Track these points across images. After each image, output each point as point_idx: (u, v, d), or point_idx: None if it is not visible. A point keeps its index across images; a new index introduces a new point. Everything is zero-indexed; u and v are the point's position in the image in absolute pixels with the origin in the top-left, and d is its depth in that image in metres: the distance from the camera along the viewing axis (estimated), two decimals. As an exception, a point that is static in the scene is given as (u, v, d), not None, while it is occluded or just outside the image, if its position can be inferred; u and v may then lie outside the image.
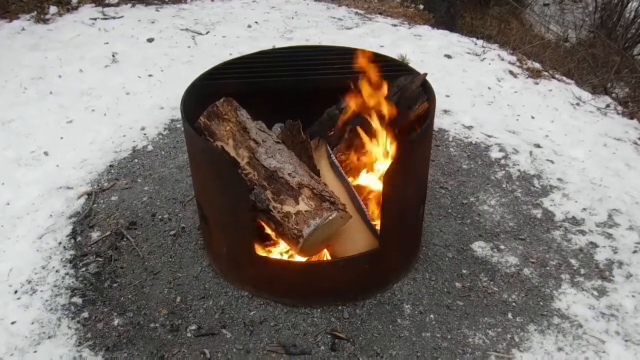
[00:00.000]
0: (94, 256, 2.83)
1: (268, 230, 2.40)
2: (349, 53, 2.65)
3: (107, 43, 5.21)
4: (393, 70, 2.58)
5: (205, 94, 2.54)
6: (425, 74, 2.44)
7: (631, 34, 11.73)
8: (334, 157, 2.50)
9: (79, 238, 2.94)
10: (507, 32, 9.58)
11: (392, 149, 2.46)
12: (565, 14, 12.47)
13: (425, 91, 2.46)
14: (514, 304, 2.59)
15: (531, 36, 9.87)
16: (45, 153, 3.64)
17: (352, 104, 2.50)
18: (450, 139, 3.86)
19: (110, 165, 3.54)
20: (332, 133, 2.58)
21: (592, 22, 11.62)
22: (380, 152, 2.51)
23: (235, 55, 4.94)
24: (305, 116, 2.66)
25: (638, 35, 11.89)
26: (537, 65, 5.22)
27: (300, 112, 2.64)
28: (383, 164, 2.51)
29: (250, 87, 2.64)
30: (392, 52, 4.83)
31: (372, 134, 2.48)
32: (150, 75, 4.67)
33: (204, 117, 2.40)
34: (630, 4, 11.65)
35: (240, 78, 2.69)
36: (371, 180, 2.59)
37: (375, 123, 2.44)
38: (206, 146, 2.31)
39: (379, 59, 2.60)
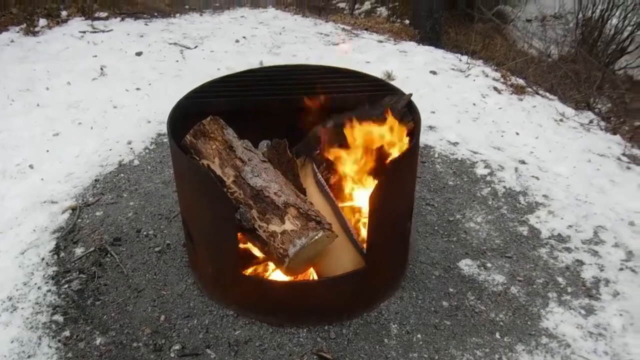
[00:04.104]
0: (77, 273, 2.79)
1: (254, 250, 2.39)
2: (335, 72, 2.66)
3: (95, 56, 5.20)
4: (379, 89, 2.58)
5: (192, 112, 2.53)
6: (410, 95, 2.45)
7: (611, 49, 11.90)
8: (320, 176, 2.50)
9: (62, 254, 2.91)
10: (491, 48, 9.68)
11: (378, 168, 2.47)
12: (548, 30, 12.61)
13: (411, 111, 2.47)
14: (501, 323, 2.59)
15: (515, 52, 9.98)
16: (31, 166, 3.61)
17: (336, 124, 2.50)
18: (436, 155, 3.88)
19: (96, 180, 3.51)
20: (318, 152, 2.58)
21: (573, 38, 11.78)
22: (367, 170, 2.51)
23: (223, 69, 4.95)
24: (291, 134, 2.66)
25: (618, 51, 12.07)
26: (520, 81, 5.27)
27: (287, 130, 2.64)
28: (370, 183, 2.51)
29: (237, 106, 2.63)
30: (378, 69, 4.87)
31: (358, 152, 2.48)
32: (138, 89, 4.66)
33: (190, 136, 2.39)
34: (609, 21, 11.83)
35: (227, 96, 2.68)
36: (358, 199, 2.59)
37: (361, 142, 2.45)
38: (192, 165, 2.30)
39: (364, 79, 2.61)
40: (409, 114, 2.48)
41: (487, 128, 4.29)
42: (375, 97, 2.55)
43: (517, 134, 4.27)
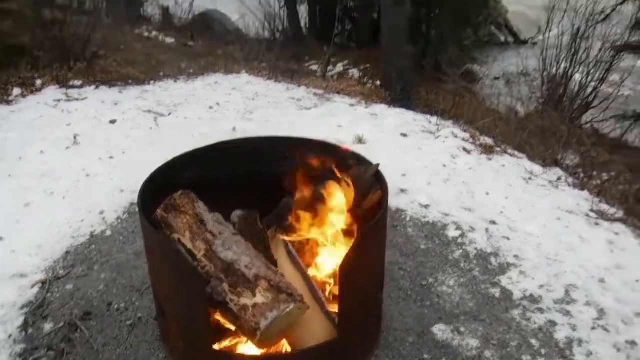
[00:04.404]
0: (46, 350, 2.74)
1: (226, 323, 2.38)
2: (304, 143, 2.72)
3: (69, 124, 5.22)
4: (348, 159, 2.64)
5: (164, 185, 2.56)
6: (378, 165, 2.51)
7: (577, 105, 12.27)
8: (291, 247, 2.52)
9: (30, 330, 2.86)
10: (461, 106, 9.92)
11: (348, 239, 2.50)
12: (515, 87, 13.00)
13: (379, 180, 2.53)
14: (475, 389, 2.59)
15: (484, 110, 10.25)
16: (0, 238, 3.58)
17: (307, 194, 2.55)
18: (408, 218, 3.93)
19: (67, 252, 3.48)
20: (288, 222, 2.61)
21: (540, 94, 12.15)
22: (338, 240, 2.54)
23: (197, 136, 5.00)
24: (263, 205, 2.69)
25: (583, 106, 12.46)
26: (489, 140, 5.40)
27: (258, 201, 2.67)
28: (341, 252, 2.53)
29: (209, 178, 2.67)
30: (350, 132, 4.97)
31: (328, 223, 2.52)
32: (111, 158, 4.68)
33: (161, 210, 2.40)
34: (573, 77, 12.25)
35: (199, 169, 2.72)
36: (329, 268, 2.60)
37: (330, 212, 2.49)
38: (162, 240, 2.31)
39: (333, 150, 2.67)
40: (377, 184, 2.53)
41: (457, 189, 4.36)
42: (344, 167, 2.60)
43: (487, 194, 4.35)
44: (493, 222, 3.93)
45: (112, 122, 5.37)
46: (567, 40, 12.18)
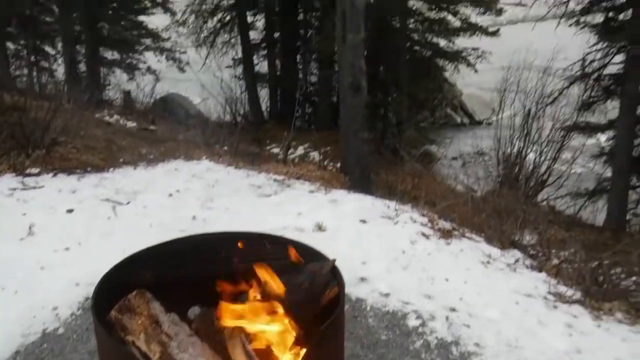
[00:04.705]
0: None
1: None
2: (262, 239, 2.73)
3: (24, 214, 5.12)
4: (303, 255, 2.65)
5: (120, 283, 2.51)
6: (334, 260, 2.53)
7: (532, 183, 12.66)
8: (248, 346, 2.47)
9: None
10: (420, 187, 10.11)
11: (302, 339, 2.47)
12: (472, 167, 13.39)
13: (335, 276, 2.53)
14: None
15: (442, 190, 10.47)
16: (-54, 339, 3.43)
17: (261, 292, 2.53)
18: (368, 308, 3.91)
19: (17, 352, 3.35)
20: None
21: (496, 174, 12.51)
22: (294, 339, 2.51)
23: (156, 225, 4.96)
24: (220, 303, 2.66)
25: (539, 184, 12.85)
26: (447, 225, 5.49)
27: (215, 298, 2.64)
28: (296, 353, 2.50)
29: (165, 276, 2.64)
30: (310, 220, 5.00)
31: (284, 321, 2.49)
32: (67, 249, 4.58)
33: (115, 311, 2.35)
34: (527, 157, 12.70)
35: (156, 266, 2.69)
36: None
37: (285, 312, 2.47)
38: (115, 343, 2.25)
39: (288, 245, 2.69)
40: (333, 280, 2.53)
41: (417, 275, 4.39)
42: (300, 264, 2.61)
43: (447, 279, 4.38)
44: (453, 309, 3.94)
45: (69, 211, 5.30)
46: (519, 120, 12.72)
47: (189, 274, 2.73)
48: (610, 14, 12.70)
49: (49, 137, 6.82)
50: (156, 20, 17.89)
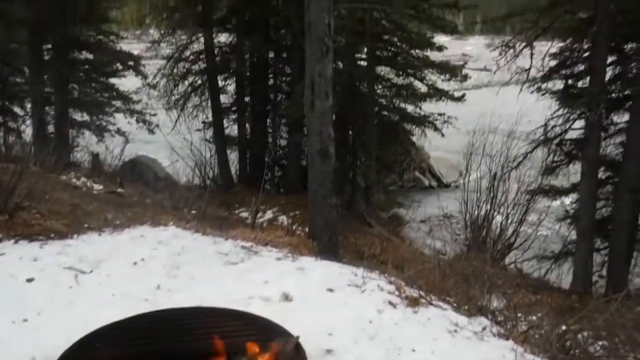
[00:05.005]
0: None
1: None
2: (226, 315, 2.70)
3: (-20, 284, 4.99)
4: (267, 331, 2.63)
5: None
6: (298, 337, 2.51)
7: (500, 246, 12.80)
8: None
9: None
10: (388, 250, 10.15)
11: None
12: (440, 230, 13.51)
13: (299, 353, 2.51)
14: None
15: (411, 254, 10.51)
16: None
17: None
18: (335, 382, 3.85)
19: None
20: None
21: (464, 237, 12.64)
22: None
23: (119, 295, 4.84)
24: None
25: (506, 247, 13.00)
26: (414, 292, 5.48)
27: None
28: None
29: (125, 355, 2.58)
30: (277, 289, 4.94)
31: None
32: (25, 320, 4.42)
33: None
34: (494, 219, 12.89)
35: (115, 344, 2.63)
36: None
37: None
38: None
39: (255, 322, 2.66)
40: (297, 356, 2.51)
41: (384, 346, 4.34)
42: (264, 340, 2.58)
43: (414, 350, 4.33)
44: (420, 382, 3.89)
45: (29, 280, 5.16)
46: (486, 183, 12.96)
47: (151, 352, 2.67)
48: (570, 82, 13.19)
49: (12, 202, 6.68)
50: (127, 82, 18.00)
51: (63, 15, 15.77)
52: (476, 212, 12.66)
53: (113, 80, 17.79)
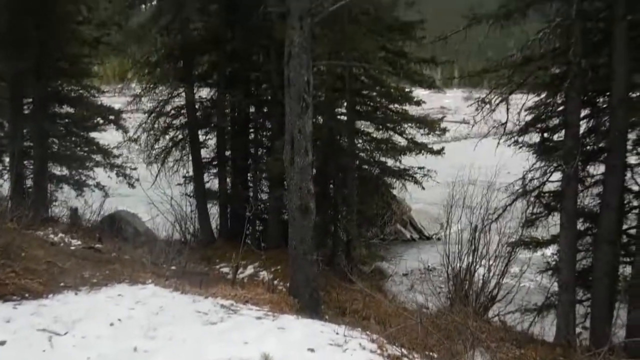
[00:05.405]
0: None
1: None
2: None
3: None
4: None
5: None
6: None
7: (483, 299, 12.72)
8: None
9: None
10: (371, 306, 10.05)
11: None
12: (423, 283, 13.41)
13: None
14: None
15: (394, 308, 10.40)
16: None
17: None
18: None
19: None
20: None
21: (447, 290, 12.56)
22: None
23: (94, 358, 4.73)
24: None
25: (489, 300, 12.92)
26: (397, 350, 5.40)
27: None
28: None
29: None
30: (256, 349, 4.86)
31: None
32: (-7, 387, 4.29)
33: None
34: (477, 272, 12.85)
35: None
36: None
37: None
38: None
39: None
40: None
41: (366, 409, 4.25)
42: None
43: (396, 412, 4.25)
44: None
45: (1, 343, 5.02)
46: (467, 236, 12.97)
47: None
48: (545, 135, 13.40)
49: (-15, 262, 6.57)
50: (108, 136, 17.98)
51: (44, 70, 15.83)
52: (458, 265, 12.62)
53: (93, 134, 17.72)
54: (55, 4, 15.65)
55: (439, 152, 15.70)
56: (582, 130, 12.04)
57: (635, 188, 11.98)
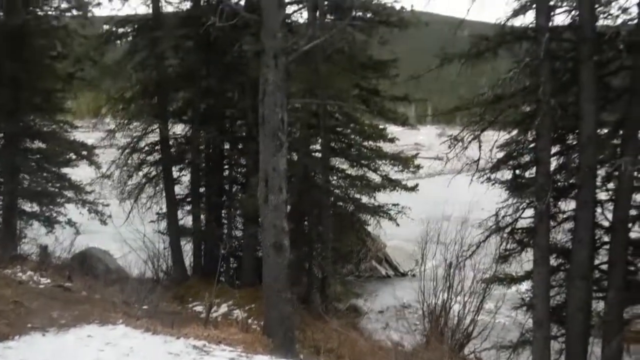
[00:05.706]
0: None
1: None
2: None
3: None
4: None
5: None
6: None
7: (458, 335, 12.69)
8: None
9: None
10: (346, 344, 9.94)
11: None
12: (398, 321, 13.36)
13: None
14: None
15: (369, 346, 10.31)
16: None
17: None
18: None
19: None
20: None
21: (422, 327, 12.52)
22: None
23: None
24: None
25: (465, 336, 12.90)
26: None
27: None
28: None
29: None
30: (229, 393, 4.74)
31: None
32: None
33: None
34: (452, 308, 12.85)
35: None
36: None
37: None
38: None
39: None
40: None
41: None
42: None
43: None
44: None
45: (-36, 389, 4.83)
46: (442, 272, 12.99)
47: None
48: (517, 172, 13.58)
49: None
50: (80, 172, 17.73)
51: (17, 105, 15.67)
52: (433, 302, 12.61)
53: (65, 170, 17.45)
54: (29, 39, 15.58)
55: (413, 188, 15.78)
56: (552, 167, 12.24)
57: (605, 224, 12.15)
